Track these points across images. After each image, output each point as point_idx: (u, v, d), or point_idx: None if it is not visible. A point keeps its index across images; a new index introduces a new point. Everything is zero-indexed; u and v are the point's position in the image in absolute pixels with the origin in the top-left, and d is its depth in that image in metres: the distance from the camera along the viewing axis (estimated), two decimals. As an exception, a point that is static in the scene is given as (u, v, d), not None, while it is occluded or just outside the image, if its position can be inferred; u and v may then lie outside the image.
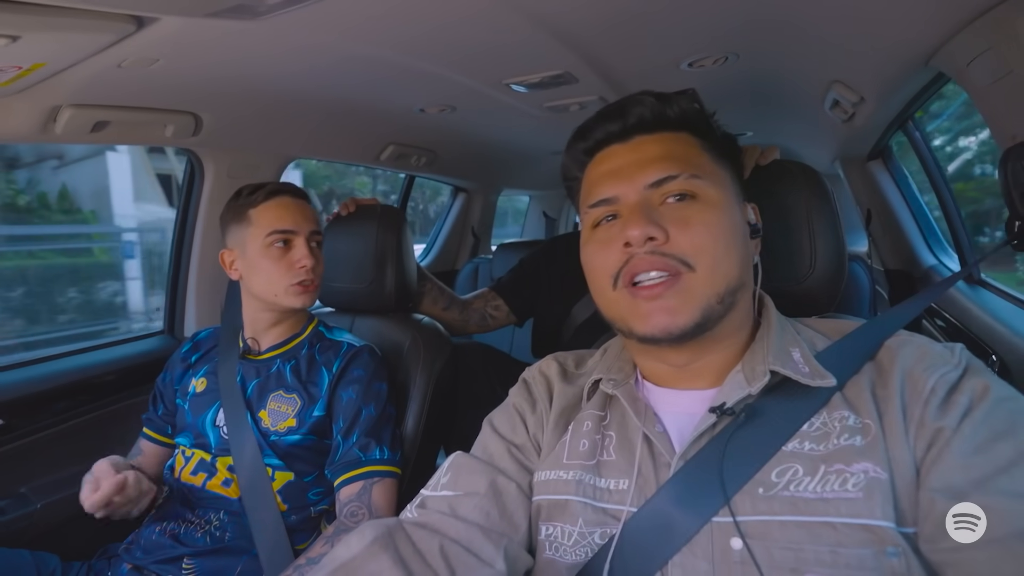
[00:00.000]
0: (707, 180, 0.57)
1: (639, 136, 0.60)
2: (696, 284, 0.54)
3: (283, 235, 1.01)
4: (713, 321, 0.55)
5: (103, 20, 0.70)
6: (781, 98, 1.40)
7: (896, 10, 0.84)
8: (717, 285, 0.54)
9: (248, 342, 1.06)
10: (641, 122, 0.60)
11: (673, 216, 0.55)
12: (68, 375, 1.23)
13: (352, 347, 1.06)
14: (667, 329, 0.54)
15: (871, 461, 0.49)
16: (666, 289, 0.54)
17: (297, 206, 1.04)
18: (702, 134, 0.61)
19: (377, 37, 0.90)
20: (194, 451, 1.01)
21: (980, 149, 1.81)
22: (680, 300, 0.54)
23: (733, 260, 0.55)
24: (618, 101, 0.62)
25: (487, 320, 1.42)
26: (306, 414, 0.99)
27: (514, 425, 0.67)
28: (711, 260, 0.54)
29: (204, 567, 0.92)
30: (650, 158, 0.58)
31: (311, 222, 1.05)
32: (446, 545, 0.56)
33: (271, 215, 1.01)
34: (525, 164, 2.44)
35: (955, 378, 0.50)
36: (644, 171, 0.57)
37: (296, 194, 1.06)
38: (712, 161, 0.59)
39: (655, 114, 0.60)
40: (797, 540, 0.48)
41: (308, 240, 1.03)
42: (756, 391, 0.54)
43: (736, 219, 0.58)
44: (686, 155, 0.58)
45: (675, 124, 0.61)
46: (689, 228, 0.54)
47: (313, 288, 1.04)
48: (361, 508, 0.91)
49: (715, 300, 0.54)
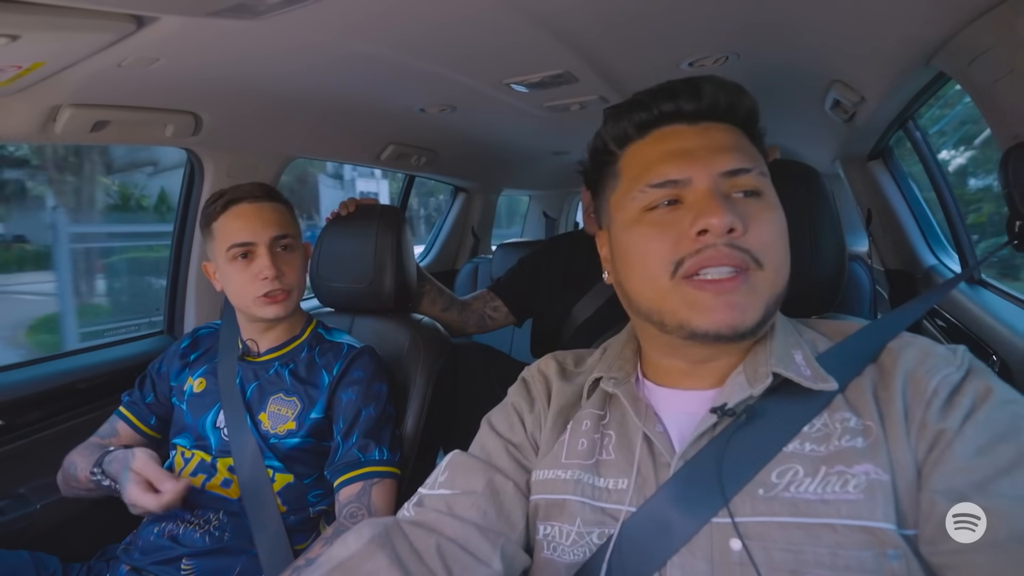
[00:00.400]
0: (768, 181, 0.56)
1: (707, 122, 0.57)
2: (762, 282, 0.52)
3: (242, 248, 0.98)
4: (770, 319, 0.54)
5: (103, 19, 0.70)
6: (782, 98, 1.40)
7: (897, 10, 0.84)
8: (778, 285, 0.54)
9: (247, 344, 1.06)
10: (714, 107, 0.57)
11: (744, 211, 0.52)
12: (68, 375, 1.22)
13: (353, 348, 1.05)
14: (734, 326, 0.51)
15: (872, 463, 0.48)
16: (738, 285, 0.51)
17: (256, 212, 0.98)
18: (754, 137, 0.59)
19: (377, 37, 0.89)
20: (194, 452, 1.01)
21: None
22: (748, 298, 0.52)
23: (788, 262, 0.55)
24: (687, 80, 0.58)
25: (486, 321, 1.42)
26: (305, 417, 0.99)
27: (512, 424, 0.67)
28: (777, 260, 0.53)
29: (203, 567, 0.92)
30: (723, 146, 0.55)
31: (274, 227, 0.99)
32: (443, 544, 0.55)
33: (229, 227, 0.98)
34: (525, 164, 2.44)
35: (957, 380, 0.50)
36: (719, 157, 0.54)
37: (257, 198, 1.00)
38: (764, 163, 0.58)
39: (729, 103, 0.57)
40: (797, 542, 0.48)
41: (272, 247, 0.98)
42: (758, 393, 0.54)
43: (786, 223, 0.56)
44: (752, 151, 0.57)
45: (739, 118, 0.58)
46: (761, 225, 0.52)
47: (283, 298, 1.00)
48: (360, 509, 0.91)
49: (774, 300, 0.54)
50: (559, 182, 3.01)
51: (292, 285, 1.01)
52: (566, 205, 3.61)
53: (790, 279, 0.55)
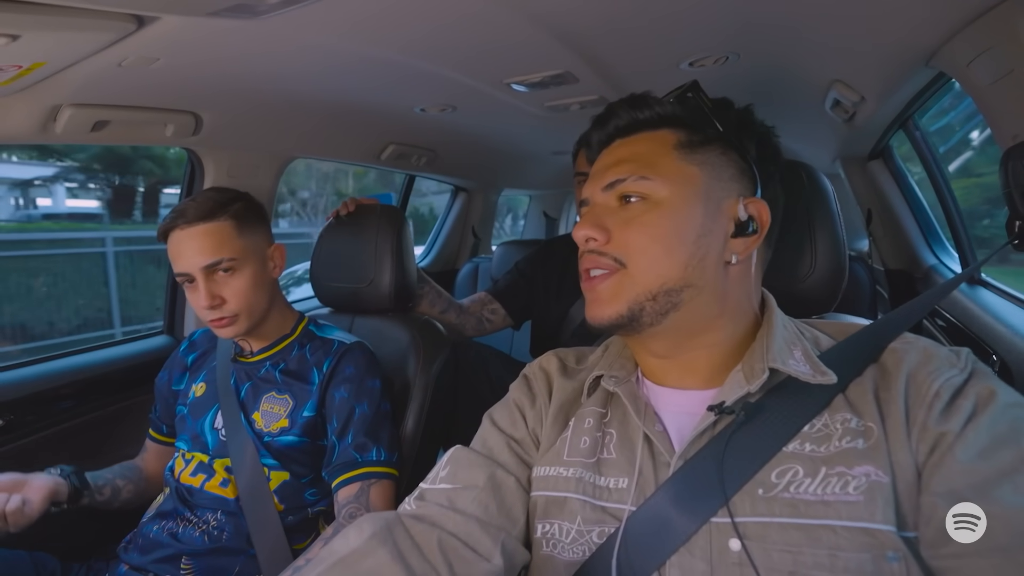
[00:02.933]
0: (661, 180, 0.57)
1: (618, 140, 0.63)
2: (626, 281, 0.56)
3: (183, 277, 0.95)
4: (651, 316, 0.56)
5: (103, 19, 0.70)
6: (782, 97, 1.39)
7: (897, 10, 0.84)
8: (650, 284, 0.55)
9: (240, 345, 1.06)
10: (618, 129, 0.63)
11: (618, 217, 0.58)
12: (68, 375, 1.23)
13: (343, 344, 1.04)
14: (596, 318, 0.58)
15: (873, 464, 0.48)
16: (596, 284, 0.58)
17: (188, 240, 0.93)
18: (692, 127, 0.60)
19: (377, 36, 0.89)
20: (193, 454, 1.01)
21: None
22: (610, 294, 0.57)
23: (674, 261, 0.55)
24: (607, 108, 0.65)
25: (484, 324, 1.42)
26: (297, 415, 0.99)
27: (514, 419, 0.67)
28: (646, 260, 0.56)
29: (202, 566, 0.92)
30: (614, 161, 0.60)
31: (207, 254, 0.92)
32: (444, 539, 0.56)
33: (171, 254, 0.95)
34: (525, 164, 2.44)
35: (960, 382, 0.49)
36: (604, 175, 0.60)
37: (190, 222, 0.93)
38: (682, 158, 0.58)
39: (628, 122, 0.63)
40: (796, 543, 0.48)
41: (208, 274, 0.93)
42: (755, 389, 0.54)
43: (690, 218, 0.56)
44: (648, 155, 0.59)
45: (656, 123, 0.61)
46: (628, 228, 0.57)
47: (227, 323, 0.96)
48: (359, 510, 0.91)
49: (645, 297, 0.55)
50: (559, 182, 3.00)
51: (236, 310, 0.96)
52: (566, 205, 3.61)
53: (790, 279, 0.55)
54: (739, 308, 0.59)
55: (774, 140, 0.64)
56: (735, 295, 0.58)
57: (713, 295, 0.57)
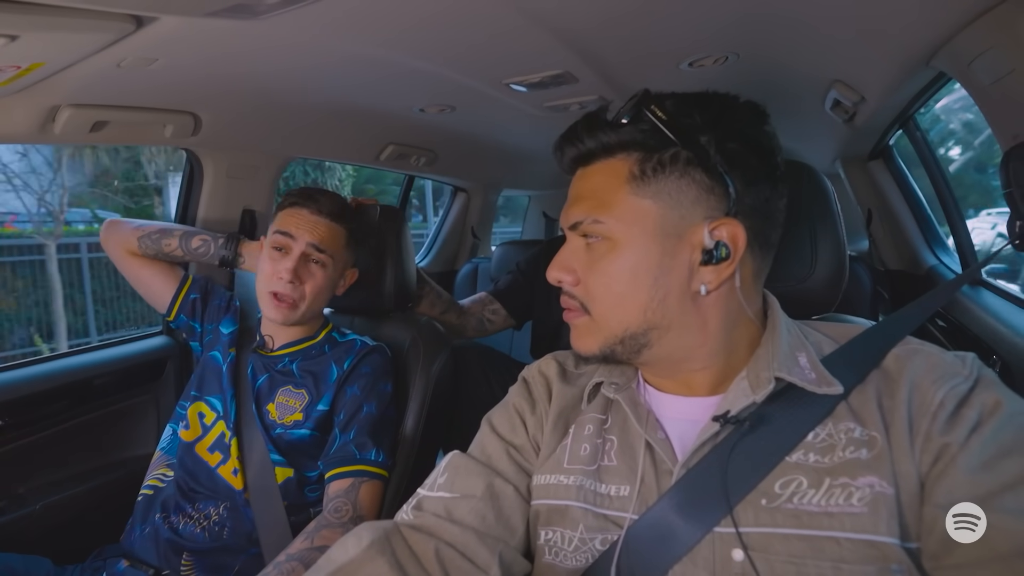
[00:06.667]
0: (614, 220, 0.53)
1: (580, 168, 0.59)
2: (593, 326, 0.57)
3: (283, 237, 1.01)
4: (625, 354, 0.56)
5: (102, 20, 0.70)
6: (782, 98, 1.39)
7: (897, 10, 0.84)
8: (613, 329, 0.55)
9: (264, 338, 1.08)
10: (575, 161, 0.59)
11: (584, 258, 0.57)
12: (68, 375, 1.22)
13: (367, 345, 1.08)
14: (577, 350, 0.59)
15: (877, 475, 0.48)
16: (574, 319, 0.59)
17: (311, 218, 1.02)
18: (648, 148, 0.54)
19: (377, 37, 0.89)
20: (217, 422, 1.02)
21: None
22: (581, 332, 0.58)
23: (631, 307, 0.54)
24: (568, 130, 0.59)
25: (484, 324, 1.42)
26: (312, 409, 1.00)
27: (514, 425, 0.66)
28: (604, 308, 0.56)
29: (203, 564, 0.92)
30: (575, 197, 0.58)
31: (316, 236, 1.01)
32: (441, 549, 0.55)
33: (285, 217, 1.03)
34: (525, 164, 2.43)
35: (965, 391, 0.48)
36: (568, 213, 0.58)
37: (320, 212, 1.03)
38: (634, 192, 0.53)
39: (583, 152, 0.57)
40: (799, 554, 0.47)
41: (305, 252, 1.01)
42: (761, 399, 0.52)
43: (646, 259, 0.53)
44: (602, 191, 0.55)
45: (612, 149, 0.55)
46: (590, 273, 0.56)
47: (288, 304, 1.00)
48: (347, 504, 0.91)
49: (613, 341, 0.56)
50: (559, 182, 3.00)
51: (303, 296, 1.01)
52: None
53: (790, 280, 0.54)
54: (729, 326, 0.56)
55: (763, 130, 0.57)
56: (717, 319, 0.55)
57: (684, 329, 0.54)
